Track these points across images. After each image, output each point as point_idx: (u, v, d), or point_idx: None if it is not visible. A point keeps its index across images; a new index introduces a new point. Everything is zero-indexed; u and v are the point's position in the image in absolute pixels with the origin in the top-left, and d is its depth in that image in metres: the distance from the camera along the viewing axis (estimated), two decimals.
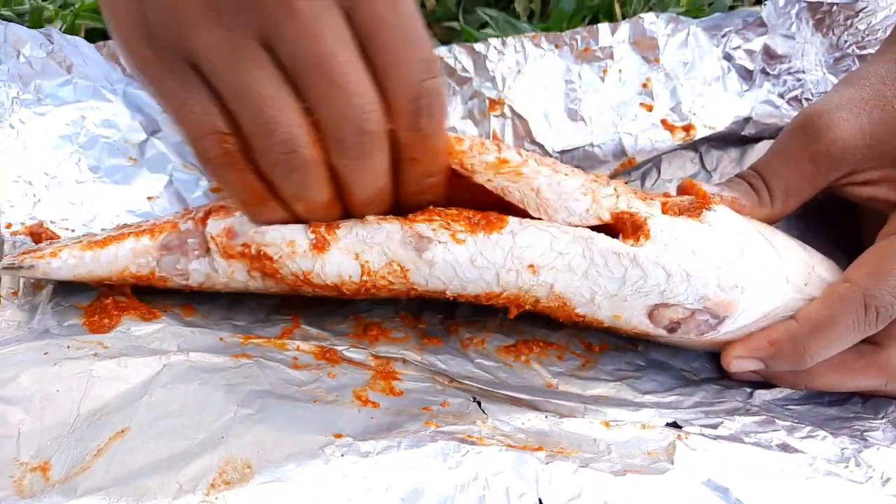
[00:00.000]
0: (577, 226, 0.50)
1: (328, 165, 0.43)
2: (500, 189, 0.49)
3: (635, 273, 0.49)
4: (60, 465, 0.41)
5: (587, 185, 0.50)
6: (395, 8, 0.39)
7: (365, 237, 0.49)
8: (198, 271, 0.51)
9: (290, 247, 0.48)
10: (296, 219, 0.48)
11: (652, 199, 0.53)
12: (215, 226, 0.50)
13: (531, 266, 0.49)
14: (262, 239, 0.49)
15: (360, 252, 0.49)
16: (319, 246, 0.48)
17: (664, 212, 0.51)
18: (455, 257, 0.49)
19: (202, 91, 0.40)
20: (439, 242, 0.49)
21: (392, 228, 0.49)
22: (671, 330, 0.52)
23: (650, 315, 0.52)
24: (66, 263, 0.50)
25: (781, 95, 0.72)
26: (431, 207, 0.49)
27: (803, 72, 0.73)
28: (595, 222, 0.50)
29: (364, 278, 0.50)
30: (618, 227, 0.51)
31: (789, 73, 0.72)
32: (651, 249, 0.49)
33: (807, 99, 0.72)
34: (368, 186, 0.45)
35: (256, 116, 0.40)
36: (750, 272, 0.51)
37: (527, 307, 0.52)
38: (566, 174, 0.50)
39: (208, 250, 0.51)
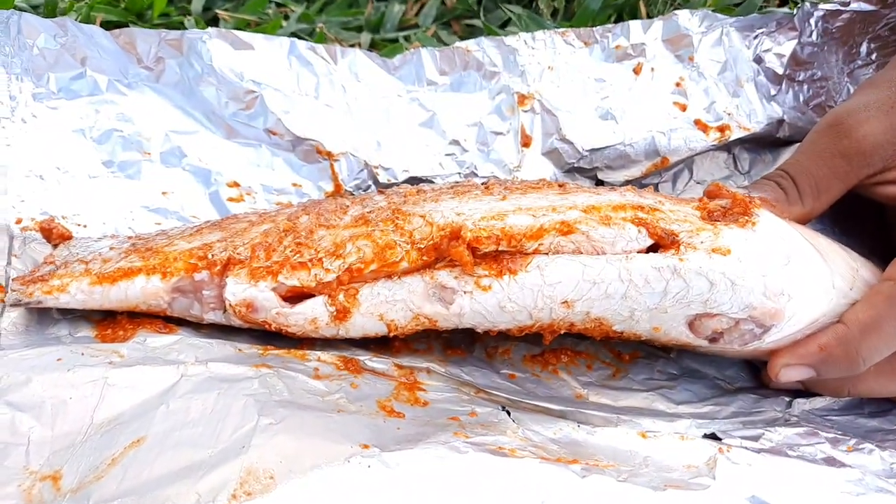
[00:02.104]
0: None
1: None
2: (552, 249, 0.48)
3: (677, 284, 0.47)
4: (72, 475, 0.39)
5: (628, 207, 0.49)
6: None
7: (387, 297, 0.48)
8: (212, 320, 0.50)
9: (313, 324, 0.48)
10: None
11: (688, 203, 0.51)
12: (235, 293, 0.48)
13: (565, 302, 0.47)
14: (285, 321, 0.48)
15: (384, 313, 0.48)
16: (341, 317, 0.48)
17: (704, 218, 0.49)
18: (483, 305, 0.47)
19: None
20: (464, 292, 0.47)
21: (413, 282, 0.48)
22: (713, 340, 0.50)
23: (691, 325, 0.49)
24: (74, 298, 0.48)
25: (806, 102, 0.70)
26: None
27: (825, 79, 0.71)
28: (647, 242, 0.48)
29: (391, 335, 0.49)
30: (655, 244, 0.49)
31: (813, 81, 0.71)
32: (694, 260, 0.47)
33: (829, 106, 0.70)
34: None
35: None
36: (797, 279, 0.49)
37: (561, 332, 0.50)
38: (607, 203, 0.48)
39: (225, 309, 0.49)
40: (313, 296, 0.48)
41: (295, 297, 0.48)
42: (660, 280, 0.47)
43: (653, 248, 0.48)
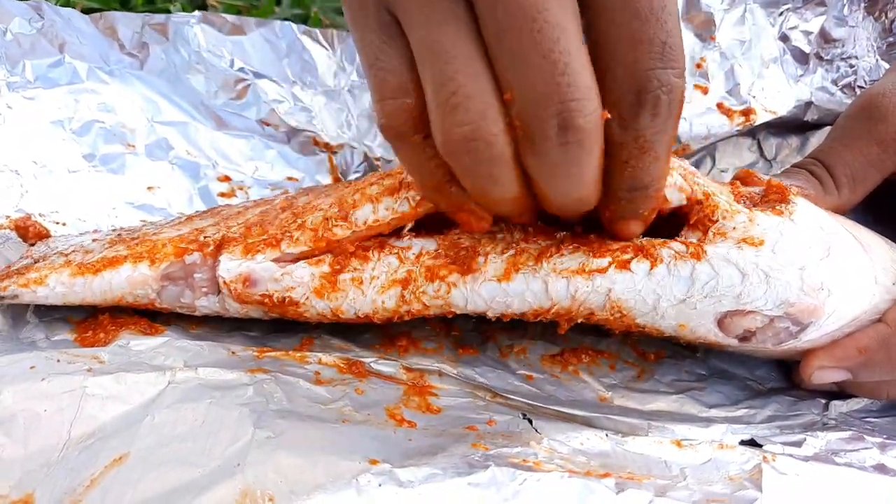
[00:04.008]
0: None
1: (520, 160, 0.34)
2: None
3: (704, 271, 0.43)
4: (46, 498, 0.34)
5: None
6: None
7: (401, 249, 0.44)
8: (206, 307, 0.46)
9: (321, 279, 0.44)
10: (481, 211, 0.39)
11: (721, 185, 0.47)
12: (230, 268, 0.44)
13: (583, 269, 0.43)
14: (289, 282, 0.44)
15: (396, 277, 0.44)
16: (358, 280, 0.44)
17: (739, 201, 0.45)
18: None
19: (398, 47, 0.34)
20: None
21: (427, 244, 0.44)
22: (744, 340, 0.46)
23: (720, 324, 0.45)
24: (53, 292, 0.44)
25: (835, 82, 0.67)
26: None
27: (856, 57, 0.67)
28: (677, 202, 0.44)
29: (401, 301, 0.44)
30: (686, 215, 0.45)
31: (842, 59, 0.67)
32: (722, 245, 0.43)
33: (860, 86, 0.67)
34: (568, 195, 0.36)
35: (442, 82, 0.32)
36: (837, 272, 0.45)
37: (579, 320, 0.46)
38: None
39: (219, 291, 0.45)
40: None
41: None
42: (686, 263, 0.43)
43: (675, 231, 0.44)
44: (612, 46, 0.32)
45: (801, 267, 0.44)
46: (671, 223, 0.44)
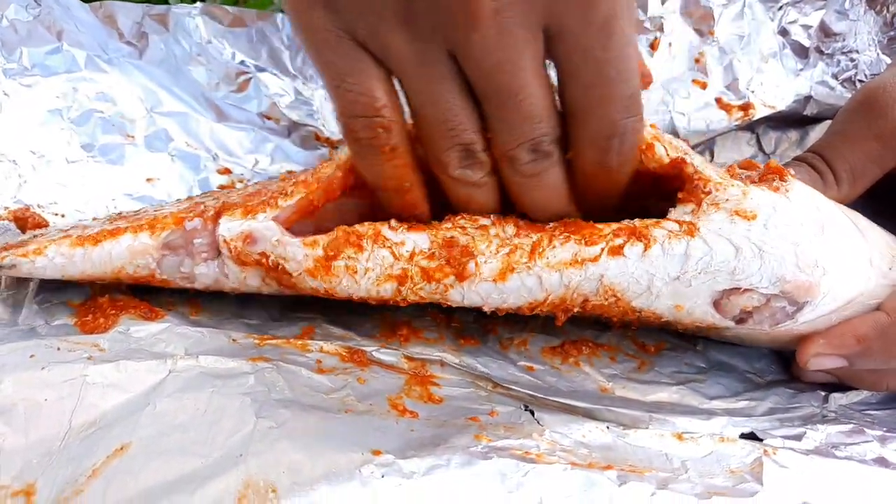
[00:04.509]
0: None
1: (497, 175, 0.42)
2: None
3: (698, 247, 0.43)
4: (48, 489, 0.34)
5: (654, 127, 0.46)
6: (607, 44, 0.37)
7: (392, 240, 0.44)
8: (205, 275, 0.45)
9: (316, 261, 0.43)
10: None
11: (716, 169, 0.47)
12: (230, 228, 0.43)
13: (575, 260, 0.43)
14: (283, 252, 0.43)
15: (389, 273, 0.44)
16: (352, 269, 0.44)
17: (734, 177, 0.45)
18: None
19: (371, 74, 0.39)
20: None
21: (419, 238, 0.44)
22: (740, 321, 0.46)
23: (716, 304, 0.45)
24: (52, 262, 0.44)
25: (836, 76, 0.66)
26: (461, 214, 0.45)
27: (857, 51, 0.67)
28: (654, 167, 0.44)
29: (397, 293, 0.44)
30: (676, 184, 0.45)
31: (843, 53, 0.67)
32: (715, 217, 0.43)
33: (860, 80, 0.67)
34: (543, 207, 0.43)
35: (436, 115, 0.39)
36: (832, 251, 0.44)
37: (575, 310, 0.46)
38: None
39: (219, 254, 0.44)
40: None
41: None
42: (680, 241, 0.43)
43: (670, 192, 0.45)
44: (587, 104, 0.39)
45: (794, 242, 0.44)
46: (663, 196, 0.45)
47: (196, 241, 0.44)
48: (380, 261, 0.43)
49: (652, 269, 0.44)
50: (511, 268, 0.43)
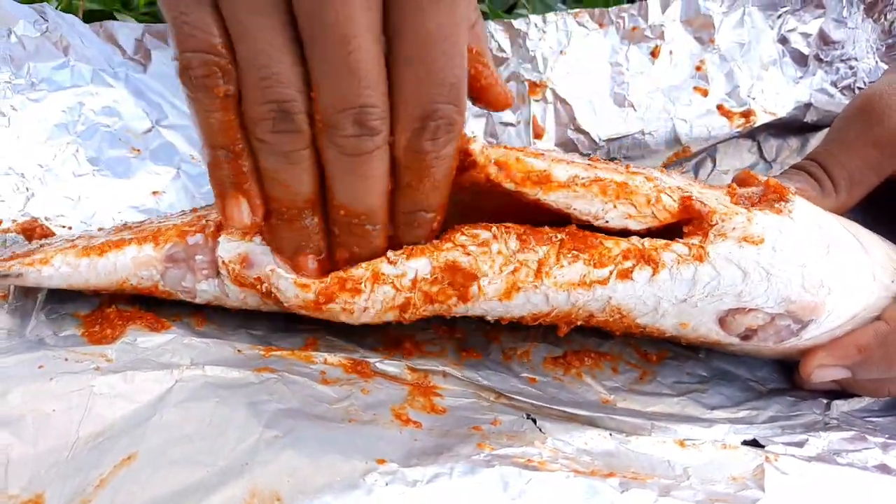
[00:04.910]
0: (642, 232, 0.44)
1: (316, 156, 0.39)
2: (562, 206, 0.43)
3: (706, 272, 0.43)
4: (56, 498, 0.34)
5: (651, 180, 0.45)
6: (438, 19, 0.36)
7: (392, 274, 0.42)
8: (206, 292, 0.45)
9: (305, 290, 0.42)
10: (257, 201, 0.41)
11: (718, 189, 0.47)
12: (228, 249, 0.44)
13: (584, 282, 0.43)
14: (276, 282, 0.42)
15: (386, 295, 0.43)
16: (348, 311, 0.43)
17: (736, 203, 0.45)
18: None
19: (207, 12, 0.36)
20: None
21: (420, 266, 0.42)
22: (745, 338, 0.46)
23: (721, 322, 0.46)
24: (58, 272, 0.44)
25: (834, 84, 0.67)
26: (458, 226, 0.43)
27: (856, 59, 0.67)
28: (666, 217, 0.44)
29: (399, 318, 0.44)
30: (685, 221, 0.45)
31: (842, 61, 0.67)
32: (723, 245, 0.43)
33: (859, 88, 0.67)
34: (356, 195, 0.40)
35: (259, 65, 0.36)
36: (837, 270, 0.45)
37: (578, 322, 0.46)
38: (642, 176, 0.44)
39: (218, 273, 0.45)
40: None
41: None
42: (688, 266, 0.43)
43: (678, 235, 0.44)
44: (410, 79, 0.37)
45: (801, 264, 0.44)
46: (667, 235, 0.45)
47: (198, 257, 0.45)
48: (380, 297, 0.42)
49: (660, 293, 0.44)
50: (517, 287, 0.43)
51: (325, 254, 0.43)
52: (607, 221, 0.44)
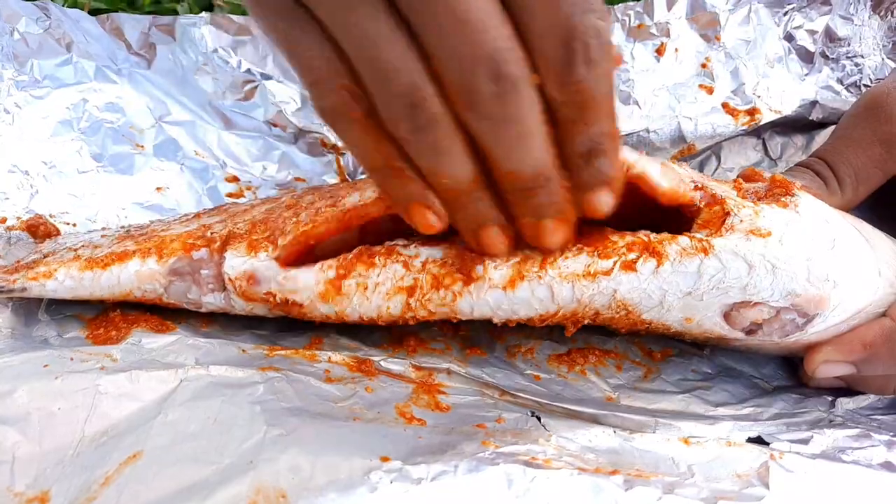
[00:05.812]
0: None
1: (464, 131, 0.35)
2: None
3: (712, 265, 0.43)
4: (62, 496, 0.34)
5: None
6: None
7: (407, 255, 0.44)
8: (212, 304, 0.46)
9: (327, 285, 0.44)
10: (438, 204, 0.38)
11: (725, 183, 0.47)
12: (234, 266, 0.44)
13: (588, 273, 0.43)
14: (293, 286, 0.43)
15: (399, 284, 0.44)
16: (362, 286, 0.44)
17: (743, 197, 0.45)
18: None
19: (312, 30, 0.33)
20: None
21: (433, 252, 0.44)
22: (750, 332, 0.46)
23: (726, 316, 0.45)
24: (62, 285, 0.44)
25: (840, 81, 0.67)
26: None
27: (862, 56, 0.67)
28: (686, 191, 0.44)
29: (406, 308, 0.44)
30: (691, 213, 0.45)
31: (848, 58, 0.67)
32: (730, 238, 0.43)
33: (865, 85, 0.67)
34: (520, 158, 0.35)
35: (371, 62, 0.33)
36: (842, 264, 0.45)
37: (585, 321, 0.46)
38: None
39: (224, 287, 0.45)
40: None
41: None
42: (693, 258, 0.43)
43: (685, 227, 0.44)
44: (535, 4, 0.32)
45: (807, 258, 0.44)
46: (672, 225, 0.45)
47: (203, 271, 0.45)
48: (391, 274, 0.43)
49: (665, 286, 0.44)
50: (521, 275, 0.43)
51: (508, 225, 0.40)
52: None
